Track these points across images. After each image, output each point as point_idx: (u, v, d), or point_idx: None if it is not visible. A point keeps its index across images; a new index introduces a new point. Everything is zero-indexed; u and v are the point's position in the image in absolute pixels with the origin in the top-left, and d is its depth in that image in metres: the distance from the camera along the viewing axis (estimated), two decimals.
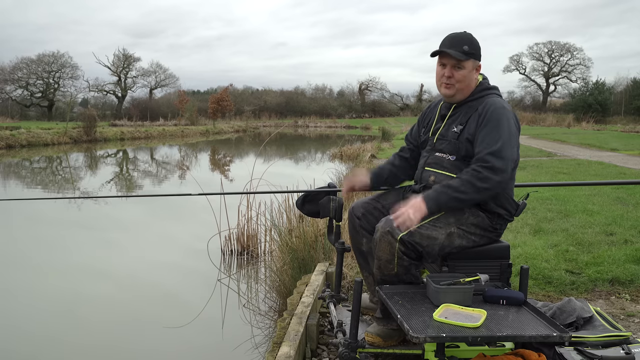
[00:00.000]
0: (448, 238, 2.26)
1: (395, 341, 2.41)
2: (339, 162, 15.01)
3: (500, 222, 2.39)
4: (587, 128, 30.56)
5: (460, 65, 2.36)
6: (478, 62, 2.41)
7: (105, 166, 16.52)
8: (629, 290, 3.53)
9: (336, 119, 52.96)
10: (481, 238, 2.36)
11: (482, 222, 2.33)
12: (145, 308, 4.50)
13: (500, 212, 2.36)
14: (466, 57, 2.35)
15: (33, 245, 6.42)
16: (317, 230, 4.60)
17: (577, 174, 9.25)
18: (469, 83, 2.40)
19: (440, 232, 2.25)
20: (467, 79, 2.38)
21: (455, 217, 2.28)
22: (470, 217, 2.30)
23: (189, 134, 32.38)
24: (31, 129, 23.23)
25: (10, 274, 5.31)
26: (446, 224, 2.26)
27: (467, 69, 2.37)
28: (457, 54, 2.33)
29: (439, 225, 2.25)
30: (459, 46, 2.35)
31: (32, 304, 4.51)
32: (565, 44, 51.70)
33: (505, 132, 2.25)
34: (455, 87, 2.39)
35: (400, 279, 2.30)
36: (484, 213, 2.33)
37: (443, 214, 2.27)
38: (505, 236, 4.59)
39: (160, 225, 7.68)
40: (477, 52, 2.40)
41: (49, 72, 48.13)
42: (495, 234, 2.42)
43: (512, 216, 2.41)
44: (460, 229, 2.28)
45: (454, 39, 2.38)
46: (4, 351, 3.66)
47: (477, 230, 2.33)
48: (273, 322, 3.85)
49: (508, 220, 2.42)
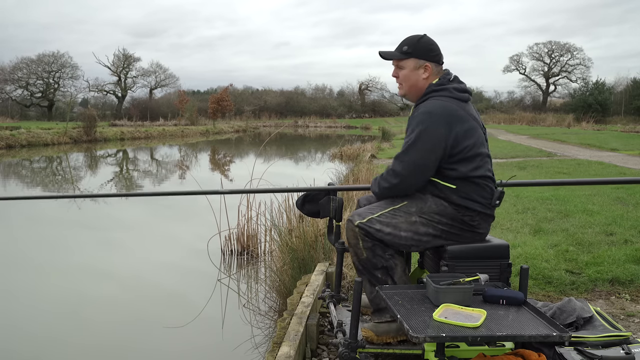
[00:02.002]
0: (412, 226, 2.38)
1: (392, 338, 2.42)
2: (339, 162, 15.02)
3: (471, 214, 2.38)
4: (587, 128, 30.55)
5: (400, 65, 2.48)
6: (423, 61, 2.45)
7: (106, 166, 16.52)
8: (629, 290, 3.53)
9: (336, 119, 52.99)
10: (451, 227, 2.38)
11: (445, 210, 2.38)
12: (145, 308, 4.50)
13: (467, 205, 2.36)
14: (403, 56, 2.46)
15: (34, 246, 6.42)
16: (317, 230, 4.60)
17: (577, 174, 9.25)
18: (415, 83, 2.47)
19: (400, 220, 2.39)
20: (409, 78, 2.47)
21: (417, 206, 2.40)
22: (432, 205, 2.39)
23: (189, 134, 32.39)
24: (31, 129, 23.24)
25: (13, 275, 5.31)
26: (407, 213, 2.40)
27: (407, 69, 2.47)
28: (393, 54, 2.49)
29: (399, 214, 2.40)
30: (400, 47, 2.48)
31: (33, 304, 4.52)
32: (565, 44, 51.78)
33: (413, 137, 2.34)
34: (404, 87, 2.50)
35: (373, 264, 2.41)
36: (447, 203, 2.38)
37: (405, 203, 2.42)
38: (505, 236, 4.62)
39: (160, 225, 7.68)
40: (419, 52, 2.44)
41: (49, 72, 48.16)
42: (473, 227, 2.40)
43: (490, 208, 2.40)
44: (423, 217, 2.39)
45: (401, 42, 2.50)
46: (8, 351, 3.66)
47: (443, 218, 2.38)
48: (273, 322, 3.85)
49: (484, 213, 2.39)
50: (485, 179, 2.39)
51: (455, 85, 2.44)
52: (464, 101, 2.43)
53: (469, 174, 2.35)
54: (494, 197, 2.39)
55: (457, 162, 2.35)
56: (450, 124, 2.32)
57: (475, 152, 2.36)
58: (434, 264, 2.53)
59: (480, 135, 2.41)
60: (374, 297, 2.47)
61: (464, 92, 2.44)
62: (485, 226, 2.45)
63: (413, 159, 2.34)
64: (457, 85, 2.44)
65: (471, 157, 2.35)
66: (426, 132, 2.32)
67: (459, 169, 2.35)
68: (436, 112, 2.33)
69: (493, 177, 2.45)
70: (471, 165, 2.35)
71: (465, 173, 2.35)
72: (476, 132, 2.38)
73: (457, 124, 2.33)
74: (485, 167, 2.40)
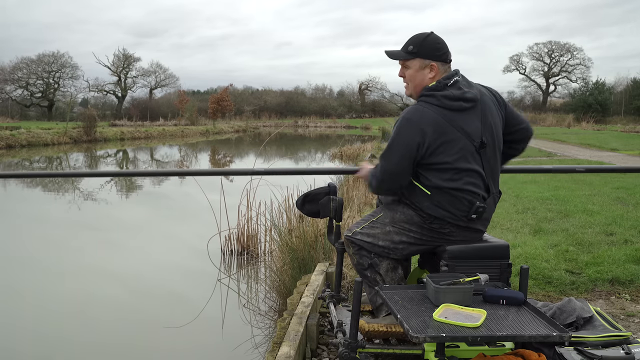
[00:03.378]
0: (387, 235, 2.48)
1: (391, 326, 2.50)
2: (339, 162, 15.03)
3: (440, 223, 2.36)
4: (587, 128, 30.56)
5: (406, 65, 2.46)
6: (429, 61, 2.38)
7: (106, 166, 16.53)
8: (629, 290, 3.53)
9: (336, 119, 52.96)
10: (422, 235, 2.41)
11: (412, 219, 2.42)
12: (145, 308, 4.50)
13: (437, 214, 2.33)
14: (408, 56, 2.42)
15: (36, 246, 6.42)
16: (317, 230, 4.60)
17: (577, 173, 9.25)
18: (420, 83, 2.42)
19: (377, 230, 2.51)
20: (415, 78, 2.43)
21: (390, 217, 2.50)
22: (401, 215, 2.46)
23: (189, 134, 32.38)
24: (31, 129, 23.23)
25: (17, 275, 5.31)
26: (382, 224, 2.51)
27: (413, 68, 2.43)
28: (399, 54, 2.46)
29: (376, 225, 2.53)
30: (405, 47, 2.44)
31: (37, 303, 4.52)
32: (566, 44, 51.72)
33: (389, 142, 2.37)
34: (410, 87, 2.48)
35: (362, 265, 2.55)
36: (415, 211, 2.41)
37: (381, 214, 2.54)
38: (505, 236, 4.63)
39: (161, 226, 7.69)
40: (424, 52, 2.38)
41: (49, 72, 48.11)
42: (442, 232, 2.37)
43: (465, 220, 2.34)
44: (395, 227, 2.47)
45: (407, 40, 2.47)
46: (10, 350, 3.66)
47: (412, 227, 2.43)
48: (273, 322, 3.86)
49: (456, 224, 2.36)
50: (463, 192, 2.30)
51: (448, 93, 2.29)
52: (457, 110, 2.29)
53: (442, 184, 2.31)
54: (470, 210, 2.32)
55: (429, 171, 2.32)
56: (425, 134, 2.25)
57: (452, 166, 2.28)
58: (434, 264, 2.54)
59: (464, 148, 2.29)
60: (372, 296, 2.58)
61: (458, 101, 2.29)
62: (461, 234, 2.39)
63: (387, 165, 2.36)
64: (451, 92, 2.30)
65: (446, 170, 2.30)
66: (400, 140, 2.30)
67: (432, 179, 2.32)
68: (413, 120, 2.29)
69: (476, 191, 2.32)
70: (445, 176, 2.30)
71: (437, 184, 2.31)
72: (457, 145, 2.28)
73: (433, 134, 2.26)
74: (463, 181, 2.30)
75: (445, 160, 2.29)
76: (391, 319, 2.50)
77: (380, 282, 2.50)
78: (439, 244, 2.42)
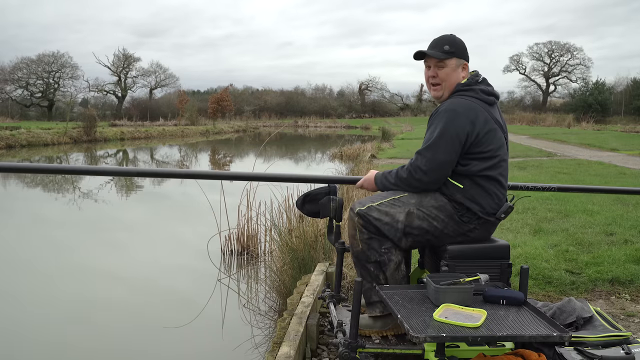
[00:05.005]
0: (407, 217, 2.38)
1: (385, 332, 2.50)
2: (339, 162, 15.02)
3: (469, 216, 2.38)
4: (587, 128, 30.55)
5: (442, 64, 2.46)
6: (463, 60, 2.48)
7: (105, 166, 16.51)
8: (629, 290, 3.53)
9: (336, 119, 52.97)
10: (444, 226, 2.38)
11: (444, 207, 2.38)
12: (145, 308, 4.50)
13: (469, 206, 2.36)
14: (447, 55, 2.45)
15: (36, 247, 6.42)
16: (317, 230, 4.60)
17: (577, 174, 9.25)
18: (454, 82, 2.47)
19: (398, 210, 2.39)
20: (451, 77, 2.47)
21: (417, 198, 2.40)
22: (432, 200, 2.39)
23: (189, 134, 32.38)
24: (31, 129, 23.23)
25: (16, 276, 5.31)
26: (406, 203, 2.40)
27: (450, 67, 2.46)
28: (437, 54, 2.45)
29: (398, 204, 2.40)
30: (440, 46, 2.46)
31: (37, 304, 4.52)
32: (566, 43, 51.78)
33: (437, 133, 2.34)
34: (443, 87, 2.48)
35: (367, 257, 2.44)
36: (448, 200, 2.39)
37: (406, 194, 2.42)
38: (505, 236, 4.62)
39: (161, 226, 7.68)
40: (460, 51, 2.48)
41: (49, 72, 48.15)
42: (464, 228, 2.39)
43: (491, 215, 2.39)
44: (420, 211, 2.39)
45: (437, 40, 2.50)
46: (11, 350, 3.66)
47: (440, 214, 2.38)
48: (273, 322, 3.85)
49: (483, 218, 2.38)
50: (495, 183, 2.39)
51: (483, 87, 2.44)
52: (490, 104, 2.43)
53: (479, 173, 2.35)
54: (500, 209, 2.39)
55: (472, 159, 2.37)
56: (473, 122, 2.33)
57: (493, 154, 2.37)
58: (434, 264, 2.54)
59: (501, 139, 2.42)
60: (365, 290, 2.49)
61: (491, 95, 2.44)
62: (481, 233, 2.42)
63: (436, 155, 2.34)
64: (484, 87, 2.45)
65: (488, 158, 2.37)
66: (450, 129, 2.33)
67: (471, 168, 2.36)
68: (460, 110, 2.35)
69: (504, 184, 2.43)
70: (484, 165, 2.36)
71: (475, 172, 2.36)
72: (497, 135, 2.39)
73: (480, 124, 2.34)
74: (498, 170, 2.40)
75: (489, 148, 2.37)
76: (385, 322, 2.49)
77: (382, 282, 2.45)
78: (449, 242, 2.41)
